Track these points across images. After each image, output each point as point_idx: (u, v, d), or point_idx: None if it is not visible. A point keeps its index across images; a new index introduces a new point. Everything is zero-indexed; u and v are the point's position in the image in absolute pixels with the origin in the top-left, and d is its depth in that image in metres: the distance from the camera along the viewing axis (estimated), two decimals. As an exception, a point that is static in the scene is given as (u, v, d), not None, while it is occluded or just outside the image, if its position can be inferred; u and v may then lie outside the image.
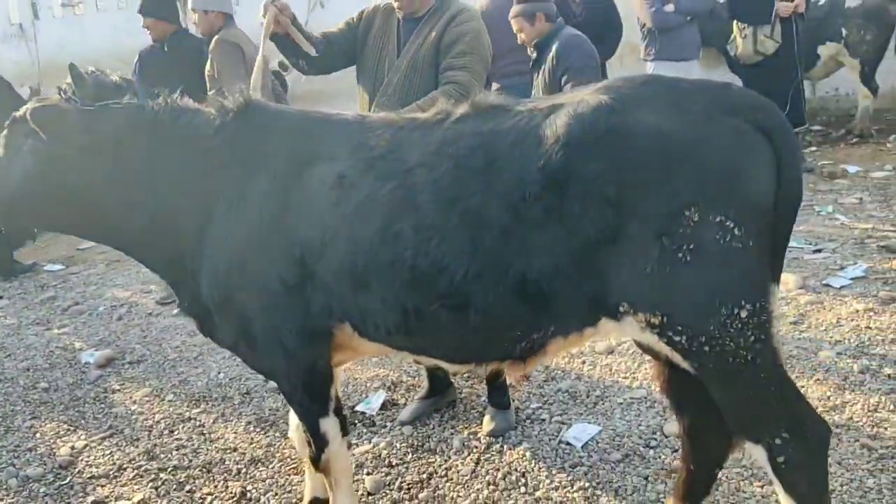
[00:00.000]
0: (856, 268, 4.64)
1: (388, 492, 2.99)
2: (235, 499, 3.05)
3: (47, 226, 2.76)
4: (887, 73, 8.55)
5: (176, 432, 3.67)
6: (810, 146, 8.17)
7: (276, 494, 3.05)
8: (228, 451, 3.43)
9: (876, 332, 3.82)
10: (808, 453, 1.91)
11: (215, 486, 3.16)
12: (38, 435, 3.79)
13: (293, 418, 2.69)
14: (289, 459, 3.31)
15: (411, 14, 3.28)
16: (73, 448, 3.59)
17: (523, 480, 2.97)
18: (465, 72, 3.15)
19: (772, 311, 1.91)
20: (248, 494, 3.07)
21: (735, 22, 6.91)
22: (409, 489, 3.00)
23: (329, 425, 2.40)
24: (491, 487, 2.95)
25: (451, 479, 3.04)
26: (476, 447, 3.24)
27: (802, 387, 3.38)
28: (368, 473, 3.11)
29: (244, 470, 3.26)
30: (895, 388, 3.29)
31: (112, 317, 5.44)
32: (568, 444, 3.19)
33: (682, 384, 2.21)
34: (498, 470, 3.06)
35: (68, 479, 3.34)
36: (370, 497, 2.96)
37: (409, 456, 3.23)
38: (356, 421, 3.57)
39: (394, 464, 3.19)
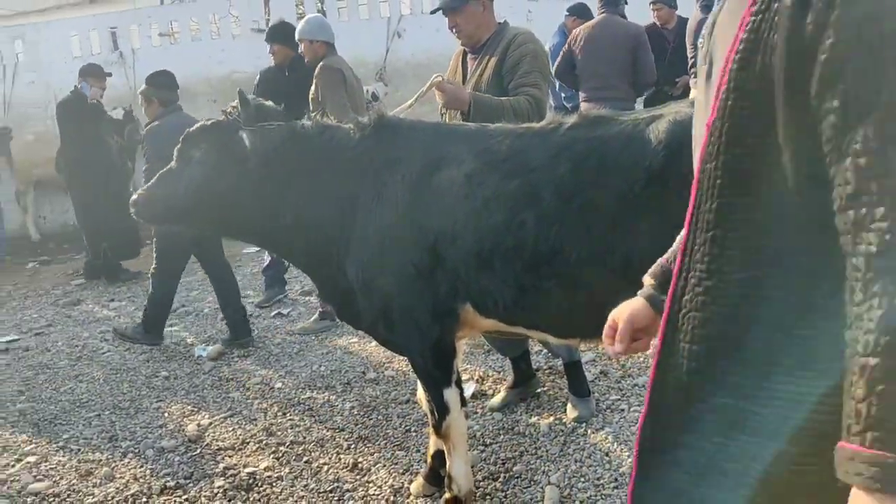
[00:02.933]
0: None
1: (485, 465, 3.34)
2: (349, 468, 3.44)
3: (205, 227, 3.22)
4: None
5: (288, 414, 4.10)
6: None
7: (385, 466, 3.43)
8: (337, 431, 3.83)
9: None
10: None
11: (329, 458, 3.56)
12: (166, 414, 4.27)
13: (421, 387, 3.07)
14: (393, 438, 3.69)
15: (473, 45, 3.63)
16: (199, 425, 4.05)
17: (607, 458, 3.29)
18: (536, 88, 3.45)
19: None
20: (360, 465, 3.46)
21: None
22: (503, 463, 3.34)
23: (451, 395, 2.78)
24: (578, 464, 3.27)
25: (542, 457, 3.37)
26: (562, 430, 3.57)
27: None
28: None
29: (353, 446, 3.66)
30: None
31: (217, 318, 5.94)
32: (647, 429, 3.49)
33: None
34: (583, 450, 3.38)
35: (199, 450, 3.78)
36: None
37: (502, 437, 3.58)
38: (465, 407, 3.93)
39: (488, 443, 3.54)
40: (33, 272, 8.60)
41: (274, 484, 3.39)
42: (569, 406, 3.73)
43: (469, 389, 4.10)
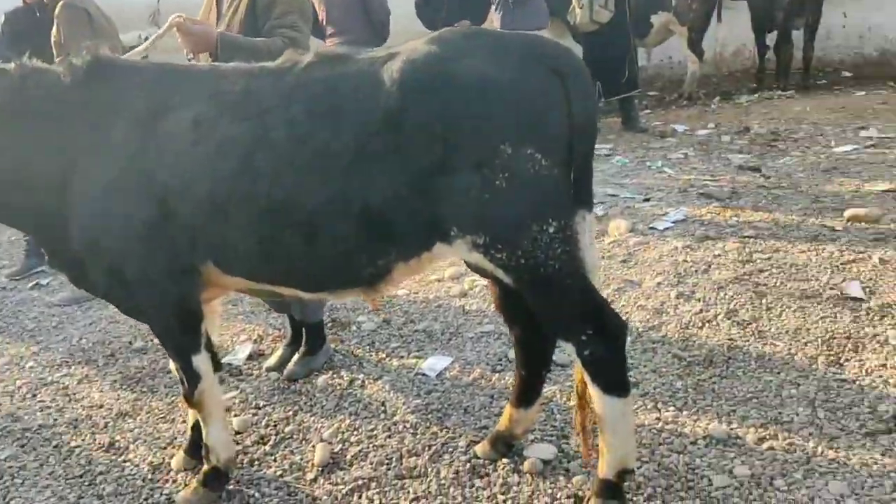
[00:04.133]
0: (677, 212, 5.20)
1: (255, 429, 3.18)
2: (104, 448, 3.14)
3: None
4: (712, 40, 9.41)
5: (39, 395, 3.68)
6: (646, 109, 8.88)
7: (145, 442, 3.17)
8: (94, 408, 3.49)
9: (691, 265, 4.35)
10: (609, 345, 2.26)
11: (83, 440, 3.23)
12: None
13: None
14: (157, 411, 3.42)
15: None
16: (-74, 418, 3.53)
17: (383, 409, 3.24)
18: (294, 30, 3.29)
19: (577, 229, 2.24)
20: (117, 444, 3.17)
21: (574, -7, 7.39)
22: (275, 425, 3.20)
23: (201, 361, 2.57)
24: (353, 417, 3.20)
25: (316, 413, 3.26)
26: (339, 385, 3.48)
27: (628, 312, 3.85)
28: (236, 415, 3.28)
29: (111, 423, 3.35)
30: (703, 309, 3.80)
31: (-44, 292, 5.25)
32: (424, 374, 3.48)
33: (512, 300, 2.54)
34: (360, 402, 3.31)
35: (-76, 446, 3.30)
36: (238, 435, 3.13)
37: (276, 397, 3.43)
38: (223, 372, 3.71)
39: (261, 405, 3.37)
40: None
41: (16, 475, 3.03)
42: (293, 359, 3.63)
43: (245, 351, 3.90)
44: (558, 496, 2.57)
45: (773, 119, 7.68)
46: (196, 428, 2.88)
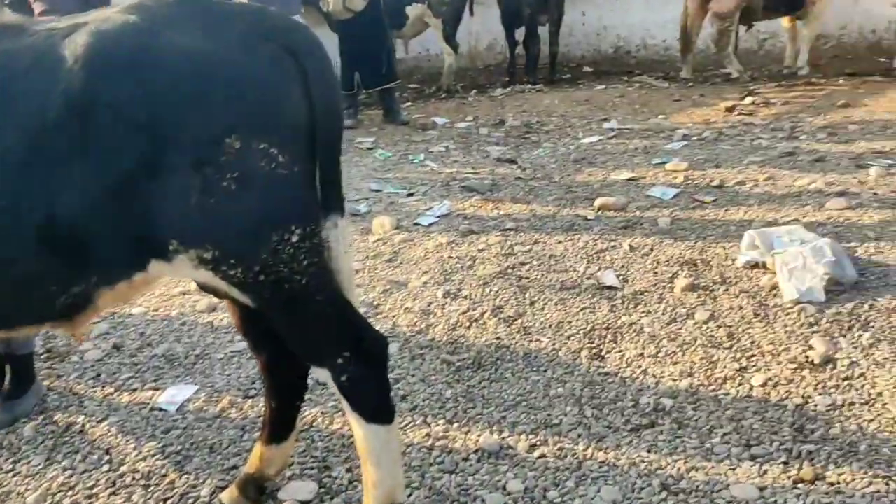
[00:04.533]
0: (441, 207, 5.07)
1: (-68, 504, 2.49)
2: None
3: None
4: (467, 33, 9.56)
5: None
6: (406, 101, 8.80)
7: None
8: None
9: (456, 261, 4.21)
10: (369, 367, 1.97)
11: None
12: None
13: None
14: None
15: None
16: None
17: (107, 458, 2.69)
18: None
19: (327, 236, 1.91)
20: None
21: (325, -22, 7.07)
22: (-39, 495, 2.53)
23: None
24: (68, 472, 2.62)
25: (20, 473, 2.63)
26: (52, 432, 2.85)
27: (395, 316, 3.60)
28: None
29: None
30: (470, 308, 3.65)
31: None
32: (161, 409, 2.97)
33: (257, 321, 2.15)
34: (78, 452, 2.73)
35: None
36: None
37: (-35, 457, 2.74)
38: None
39: (-58, 471, 2.67)
40: None
41: None
42: None
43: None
44: (320, 543, 2.24)
45: (525, 112, 7.91)
46: None
